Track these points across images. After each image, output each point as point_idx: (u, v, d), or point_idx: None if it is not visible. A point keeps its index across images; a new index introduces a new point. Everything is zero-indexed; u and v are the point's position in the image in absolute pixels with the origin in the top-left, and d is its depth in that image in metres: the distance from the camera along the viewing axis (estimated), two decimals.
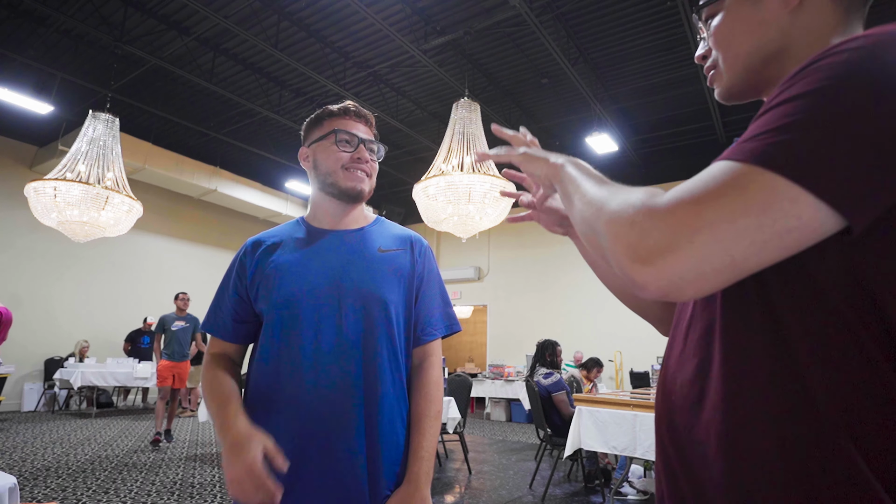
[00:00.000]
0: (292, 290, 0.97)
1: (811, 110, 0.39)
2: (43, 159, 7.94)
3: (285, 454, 0.87)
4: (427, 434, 0.96)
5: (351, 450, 0.91)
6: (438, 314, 1.06)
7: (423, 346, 1.03)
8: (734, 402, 0.46)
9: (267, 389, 0.96)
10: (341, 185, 1.03)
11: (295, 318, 0.95)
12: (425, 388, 1.00)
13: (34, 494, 3.29)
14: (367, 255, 1.02)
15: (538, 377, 4.16)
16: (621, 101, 7.31)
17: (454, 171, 4.89)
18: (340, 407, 0.92)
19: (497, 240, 10.58)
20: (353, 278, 0.98)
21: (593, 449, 3.28)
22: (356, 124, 1.06)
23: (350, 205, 1.06)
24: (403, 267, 1.04)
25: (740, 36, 0.58)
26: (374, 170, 1.07)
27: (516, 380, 8.15)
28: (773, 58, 0.56)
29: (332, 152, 1.03)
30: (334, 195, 1.04)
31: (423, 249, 1.09)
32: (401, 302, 1.01)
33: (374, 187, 1.08)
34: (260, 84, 7.01)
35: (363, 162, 1.04)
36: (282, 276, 0.99)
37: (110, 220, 5.65)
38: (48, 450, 4.70)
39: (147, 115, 7.90)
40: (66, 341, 8.06)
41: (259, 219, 10.88)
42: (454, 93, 6.47)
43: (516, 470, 4.67)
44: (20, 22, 5.82)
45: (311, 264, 1.00)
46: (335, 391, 0.92)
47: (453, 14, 5.57)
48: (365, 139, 1.05)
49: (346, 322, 0.95)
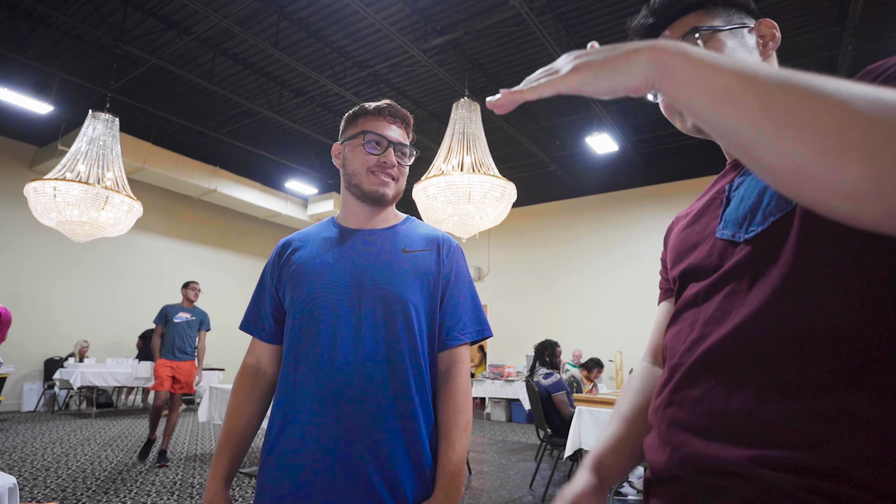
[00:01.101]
0: (313, 287, 0.97)
1: None
2: (42, 159, 7.94)
3: (304, 456, 0.88)
4: (456, 447, 0.91)
5: (371, 455, 0.87)
6: (467, 318, 1.01)
7: (450, 350, 0.98)
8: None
9: (288, 389, 0.95)
10: (364, 187, 1.01)
11: (313, 317, 0.95)
12: (453, 398, 0.95)
13: (34, 494, 3.28)
14: (390, 255, 1.00)
15: (538, 377, 4.16)
16: (621, 100, 7.29)
17: (454, 171, 4.89)
18: (358, 409, 0.89)
19: (497, 240, 10.57)
20: (374, 278, 0.96)
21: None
22: (390, 125, 1.03)
23: (374, 207, 1.04)
24: (428, 268, 1.00)
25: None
26: (402, 174, 1.05)
27: (516, 380, 8.14)
28: None
29: (360, 153, 1.02)
30: (358, 196, 1.03)
31: (452, 250, 1.04)
32: (423, 304, 0.97)
33: (401, 191, 1.06)
34: (260, 84, 7.00)
35: (389, 166, 1.01)
36: (305, 275, 0.99)
37: (110, 220, 5.65)
38: (48, 450, 4.70)
39: (147, 115, 7.90)
40: (66, 341, 8.06)
41: (259, 219, 10.88)
42: (454, 92, 6.47)
43: (516, 470, 4.66)
44: (20, 21, 5.82)
45: (334, 263, 0.99)
46: (353, 392, 0.90)
47: (453, 14, 5.57)
48: (395, 142, 1.02)
49: (364, 322, 0.93)
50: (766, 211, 0.50)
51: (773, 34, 0.65)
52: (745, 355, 0.48)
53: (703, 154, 8.38)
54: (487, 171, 4.93)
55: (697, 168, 8.37)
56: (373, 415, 0.89)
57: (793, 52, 5.86)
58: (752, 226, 0.51)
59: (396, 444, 0.88)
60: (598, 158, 8.78)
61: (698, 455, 0.49)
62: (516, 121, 7.72)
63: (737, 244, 0.53)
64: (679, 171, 8.63)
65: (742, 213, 0.53)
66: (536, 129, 8.24)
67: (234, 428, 1.00)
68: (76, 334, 8.08)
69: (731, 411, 0.47)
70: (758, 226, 0.51)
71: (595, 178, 9.45)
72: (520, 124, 7.81)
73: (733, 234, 0.54)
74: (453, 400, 0.95)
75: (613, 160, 8.82)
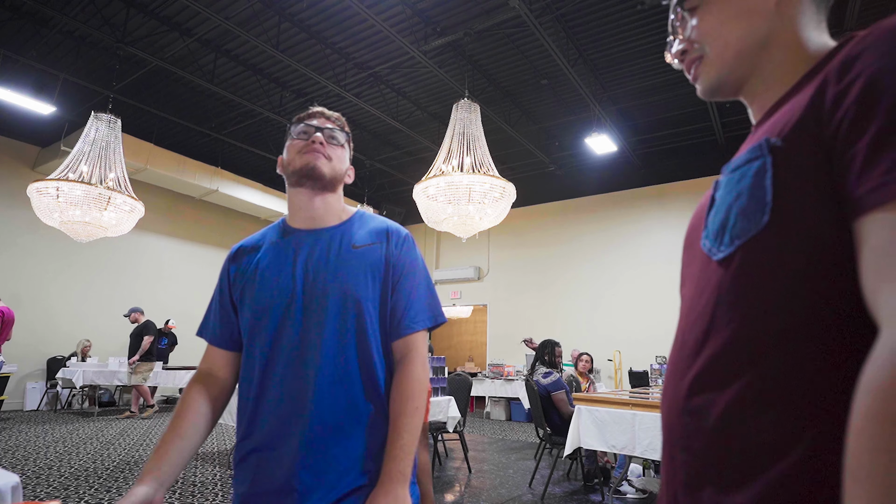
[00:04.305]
0: (264, 295, 0.97)
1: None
2: (45, 160, 7.97)
3: (251, 460, 0.91)
4: (402, 432, 0.90)
5: (293, 462, 0.89)
6: (420, 305, 1.00)
7: (404, 339, 0.97)
8: None
9: (242, 398, 0.97)
10: (297, 165, 1.00)
11: (268, 322, 0.95)
12: (402, 385, 0.95)
13: (36, 493, 3.31)
14: (340, 253, 0.99)
15: (537, 376, 4.18)
16: (621, 101, 7.33)
17: (454, 171, 4.92)
18: (292, 416, 0.91)
19: (497, 240, 10.60)
20: (324, 278, 0.96)
21: (593, 448, 3.30)
22: (314, 119, 1.05)
23: (315, 192, 1.02)
24: (378, 261, 0.99)
25: (729, 23, 0.58)
26: (336, 156, 1.04)
27: (516, 379, 8.17)
28: (761, 46, 0.57)
29: (290, 147, 1.03)
30: (297, 184, 1.02)
31: (401, 240, 1.03)
32: (375, 298, 0.97)
33: (339, 173, 1.04)
34: (261, 85, 7.04)
35: (317, 143, 1.01)
36: (257, 280, 0.99)
37: (112, 220, 5.68)
38: (50, 449, 4.73)
39: (149, 116, 7.93)
40: (68, 341, 8.09)
41: (260, 219, 10.90)
42: (454, 94, 6.50)
43: (516, 469, 4.69)
44: (23, 23, 5.85)
45: (284, 267, 0.98)
46: (290, 400, 0.91)
47: (453, 15, 5.60)
48: (321, 127, 1.03)
49: (319, 322, 0.93)
50: (732, 233, 0.51)
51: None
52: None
53: (701, 155, 8.41)
54: (487, 171, 4.96)
55: (696, 168, 8.40)
56: (302, 415, 0.90)
57: None
58: (721, 245, 0.52)
59: (323, 440, 0.90)
60: (597, 159, 8.80)
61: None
62: (516, 121, 7.75)
63: (711, 261, 0.54)
64: (678, 171, 8.66)
65: (718, 226, 0.54)
66: (536, 129, 8.26)
67: (175, 429, 0.96)
68: (78, 334, 8.11)
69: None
70: (726, 248, 0.51)
71: (594, 178, 9.47)
72: (520, 125, 7.84)
73: (710, 249, 0.55)
74: (403, 387, 0.94)
75: (612, 161, 8.85)
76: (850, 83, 0.42)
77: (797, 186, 0.45)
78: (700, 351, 0.52)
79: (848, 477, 0.34)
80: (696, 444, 0.51)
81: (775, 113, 0.54)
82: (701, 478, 0.50)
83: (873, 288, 0.38)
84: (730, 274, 0.50)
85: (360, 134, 8.42)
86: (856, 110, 0.41)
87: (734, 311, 0.49)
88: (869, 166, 0.39)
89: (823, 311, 0.43)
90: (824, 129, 0.44)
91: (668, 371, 0.60)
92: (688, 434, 0.52)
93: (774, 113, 0.54)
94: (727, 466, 0.47)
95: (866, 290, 0.39)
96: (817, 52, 0.56)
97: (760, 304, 0.47)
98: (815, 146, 0.44)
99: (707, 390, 0.50)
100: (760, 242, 0.47)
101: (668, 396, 0.57)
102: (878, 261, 0.38)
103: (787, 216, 0.45)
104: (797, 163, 0.46)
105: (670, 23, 0.67)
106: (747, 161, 0.51)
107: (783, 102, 0.54)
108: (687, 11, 0.63)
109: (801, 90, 0.51)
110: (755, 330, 0.47)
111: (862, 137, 0.40)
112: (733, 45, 0.58)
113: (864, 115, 0.40)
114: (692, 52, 0.63)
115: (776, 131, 0.49)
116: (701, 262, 0.56)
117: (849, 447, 0.35)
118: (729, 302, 0.50)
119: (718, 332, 0.50)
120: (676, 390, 0.55)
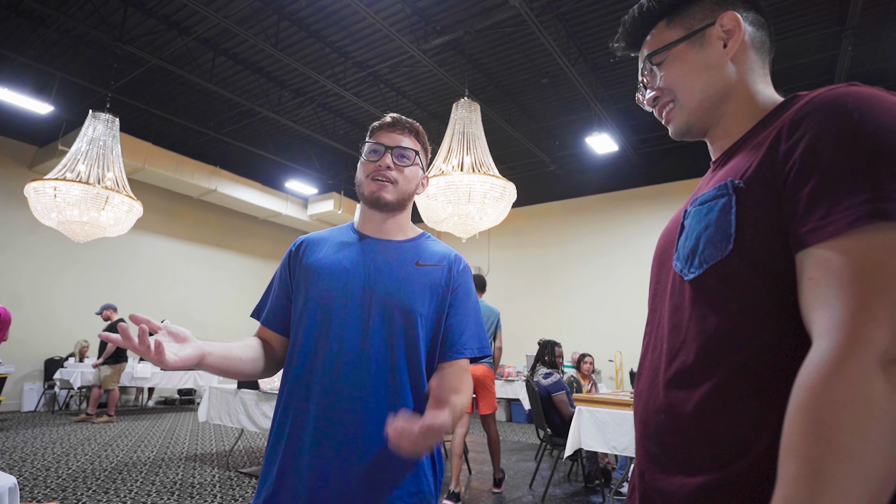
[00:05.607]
0: (327, 288, 1.00)
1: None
2: (43, 159, 7.94)
3: (307, 446, 0.92)
4: (456, 401, 0.90)
5: (357, 454, 0.92)
6: (470, 333, 1.04)
7: (451, 362, 1.02)
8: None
9: (294, 384, 0.98)
10: (366, 193, 1.06)
11: (325, 317, 0.98)
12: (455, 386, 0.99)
13: (34, 494, 3.29)
14: (403, 267, 1.03)
15: (538, 377, 4.16)
16: (621, 100, 7.30)
17: (454, 170, 4.89)
18: (355, 410, 0.93)
19: (497, 240, 10.58)
20: (386, 286, 1.00)
21: (593, 449, 3.28)
22: (389, 134, 1.08)
23: (383, 214, 1.07)
24: (438, 282, 1.04)
25: (692, 76, 0.68)
26: (403, 178, 1.07)
27: (516, 380, 8.14)
28: (721, 97, 0.67)
29: (362, 165, 1.08)
30: (366, 203, 1.08)
31: (462, 268, 1.09)
32: (430, 316, 1.01)
33: (405, 195, 1.08)
34: (260, 84, 7.01)
35: (385, 169, 1.04)
36: (320, 274, 1.02)
37: (110, 220, 5.65)
38: (48, 450, 4.70)
39: (147, 115, 7.90)
40: (66, 341, 8.06)
41: (259, 219, 10.88)
42: (454, 93, 6.47)
43: (516, 470, 4.66)
44: (20, 22, 5.82)
45: (350, 267, 1.02)
46: (352, 393, 0.93)
47: (453, 14, 5.57)
48: (391, 146, 1.06)
49: (371, 327, 0.96)
50: (701, 258, 0.59)
51: (734, 27, 0.66)
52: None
53: (702, 154, 8.30)
54: (487, 171, 4.93)
55: (697, 168, 8.37)
56: (368, 415, 0.93)
57: (793, 52, 5.86)
58: (692, 267, 0.60)
59: (381, 440, 0.90)
60: (597, 158, 8.78)
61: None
62: (516, 121, 7.73)
63: (683, 281, 0.62)
64: (679, 171, 8.63)
65: (688, 251, 0.61)
66: (536, 129, 8.24)
67: (229, 347, 0.95)
68: (76, 334, 8.08)
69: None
70: (696, 270, 0.59)
71: (595, 178, 9.45)
72: (520, 124, 7.82)
73: (681, 270, 0.62)
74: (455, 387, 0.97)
75: (613, 160, 8.83)
76: (797, 142, 0.51)
77: (755, 221, 0.54)
78: (675, 357, 0.60)
79: (782, 452, 0.44)
80: (668, 438, 0.59)
81: (733, 157, 0.63)
82: (672, 467, 0.58)
83: (809, 310, 0.48)
84: (700, 292, 0.59)
85: (359, 133, 8.40)
86: (800, 165, 0.50)
87: (704, 323, 0.57)
88: (808, 211, 0.49)
89: (776, 325, 0.52)
90: (776, 178, 0.53)
91: (642, 375, 0.68)
92: (661, 430, 0.60)
93: (733, 156, 0.64)
94: (696, 456, 0.55)
95: (804, 311, 0.49)
96: (765, 105, 0.65)
97: (726, 318, 0.55)
98: (769, 190, 0.53)
99: (681, 390, 0.58)
100: (726, 267, 0.56)
101: (643, 397, 0.65)
102: (812, 289, 0.47)
103: (748, 246, 0.54)
104: (755, 202, 0.54)
105: (640, 71, 0.78)
106: (714, 197, 0.59)
107: (738, 148, 0.64)
108: (655, 65, 0.73)
109: (754, 138, 0.61)
110: (721, 339, 0.55)
111: (804, 188, 0.49)
112: (697, 95, 0.68)
113: (806, 170, 0.50)
114: (663, 97, 0.73)
115: (739, 174, 0.58)
116: (673, 281, 0.64)
117: (784, 430, 0.44)
118: (699, 315, 0.58)
119: (692, 341, 0.58)
120: (652, 391, 0.63)
